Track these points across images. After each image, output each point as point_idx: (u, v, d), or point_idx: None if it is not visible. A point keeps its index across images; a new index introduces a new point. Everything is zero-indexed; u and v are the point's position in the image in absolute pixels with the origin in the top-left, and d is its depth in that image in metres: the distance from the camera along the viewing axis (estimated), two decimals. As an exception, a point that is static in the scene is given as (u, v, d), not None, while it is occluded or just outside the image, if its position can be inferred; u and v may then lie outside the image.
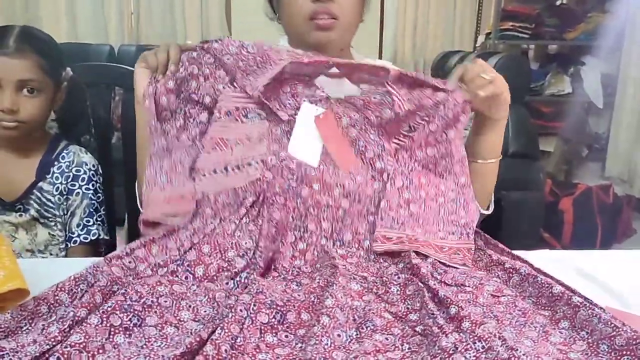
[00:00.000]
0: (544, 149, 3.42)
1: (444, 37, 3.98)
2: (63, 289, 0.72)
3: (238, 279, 0.78)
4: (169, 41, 1.02)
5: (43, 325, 0.65)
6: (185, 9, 3.72)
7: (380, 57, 3.87)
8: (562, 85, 3.51)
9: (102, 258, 0.80)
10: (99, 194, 1.21)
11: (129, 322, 0.67)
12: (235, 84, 0.97)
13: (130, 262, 0.80)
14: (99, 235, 1.19)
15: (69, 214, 1.19)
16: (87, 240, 1.18)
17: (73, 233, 1.18)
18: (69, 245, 1.19)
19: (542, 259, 0.86)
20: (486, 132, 1.00)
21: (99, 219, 1.20)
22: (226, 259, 0.83)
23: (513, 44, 3.54)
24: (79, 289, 0.73)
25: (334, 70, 0.98)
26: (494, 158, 1.04)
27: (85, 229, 1.18)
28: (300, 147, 0.95)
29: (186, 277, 0.78)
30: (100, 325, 0.64)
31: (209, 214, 0.90)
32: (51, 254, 1.19)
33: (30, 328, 0.67)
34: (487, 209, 1.06)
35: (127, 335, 0.65)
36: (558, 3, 3.79)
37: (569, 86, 3.51)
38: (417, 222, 0.93)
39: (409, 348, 0.66)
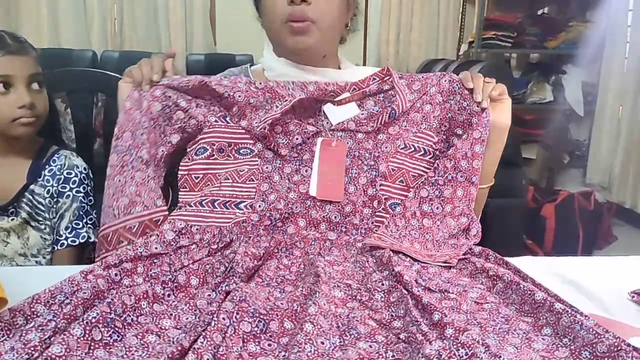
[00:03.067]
0: (526, 156, 3.46)
1: (427, 45, 4.01)
2: (39, 300, 0.71)
3: (219, 289, 0.78)
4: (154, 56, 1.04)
5: (21, 333, 0.64)
6: (169, 15, 3.70)
7: (364, 64, 3.89)
8: (544, 93, 3.55)
9: (78, 271, 0.78)
10: (90, 197, 1.21)
11: (109, 338, 0.66)
12: (228, 119, 0.99)
13: (116, 275, 0.79)
14: (89, 238, 1.19)
15: (58, 216, 1.18)
16: (74, 243, 1.17)
17: (61, 236, 1.18)
18: (56, 248, 1.18)
19: (524, 265, 0.86)
20: (488, 147, 1.00)
21: (89, 222, 1.20)
22: (205, 280, 0.82)
23: (495, 52, 3.58)
24: (56, 300, 0.72)
25: (344, 96, 1.00)
26: (487, 183, 1.05)
27: (74, 231, 1.18)
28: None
29: (169, 295, 0.77)
30: (82, 339, 0.63)
31: (193, 249, 0.90)
32: (44, 258, 1.19)
33: (7, 338, 0.65)
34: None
35: (107, 350, 0.64)
36: (539, 12, 3.84)
37: (550, 94, 3.55)
38: (423, 236, 0.95)
39: (393, 355, 0.66)
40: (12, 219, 1.16)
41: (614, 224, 3.01)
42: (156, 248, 0.87)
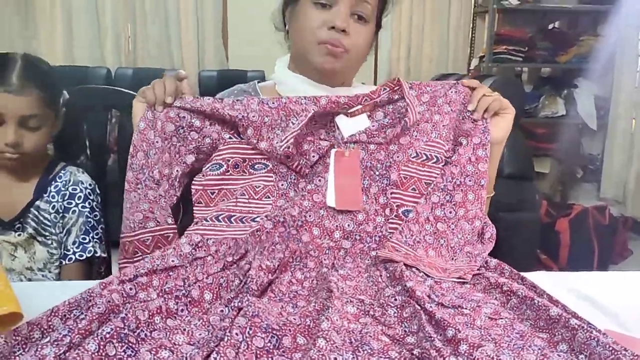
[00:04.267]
0: (539, 170, 3.44)
1: (438, 60, 4.02)
2: (57, 314, 0.72)
3: (232, 304, 0.78)
4: (166, 76, 1.04)
5: (37, 348, 0.64)
6: (182, 33, 3.76)
7: (375, 80, 3.90)
8: (556, 107, 3.54)
9: (96, 283, 0.78)
10: (96, 212, 1.23)
11: (122, 354, 0.66)
12: (242, 135, 1.00)
13: (131, 289, 0.80)
14: (95, 252, 1.20)
15: (65, 231, 1.20)
16: (82, 258, 1.19)
17: (68, 250, 1.19)
18: (64, 263, 1.19)
19: (539, 280, 0.85)
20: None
21: (95, 237, 1.21)
22: (219, 294, 0.83)
23: (507, 66, 3.58)
24: (72, 315, 0.72)
25: (356, 108, 1.02)
26: (488, 193, 1.05)
27: (81, 246, 1.19)
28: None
29: (182, 310, 0.77)
30: (96, 354, 0.63)
31: (209, 261, 0.90)
32: (50, 272, 1.21)
33: (23, 353, 0.66)
34: None
35: None
36: (550, 27, 3.84)
37: (562, 108, 3.54)
38: (437, 241, 0.95)
39: (407, 372, 0.66)
40: (19, 234, 1.19)
41: (629, 238, 2.97)
42: (173, 261, 0.87)
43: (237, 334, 0.68)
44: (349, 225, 0.96)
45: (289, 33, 1.12)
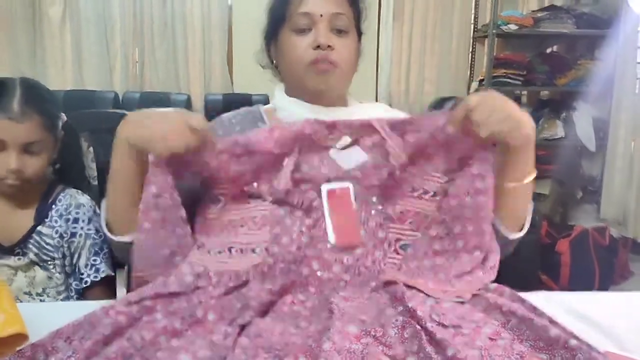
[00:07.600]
0: (539, 192, 3.44)
1: (438, 84, 4.06)
2: (61, 336, 0.72)
3: (235, 322, 0.79)
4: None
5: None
6: (189, 58, 3.82)
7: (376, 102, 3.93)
8: (555, 129, 3.56)
9: (99, 307, 0.79)
10: (101, 233, 1.20)
11: None
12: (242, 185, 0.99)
13: (138, 312, 0.80)
14: (108, 273, 1.20)
15: (75, 256, 1.20)
16: (97, 279, 1.19)
17: (82, 274, 1.19)
18: (80, 287, 1.19)
19: (539, 301, 0.86)
20: (514, 153, 0.97)
21: (104, 257, 1.21)
22: (223, 315, 0.83)
23: (506, 90, 3.62)
24: (76, 336, 0.73)
25: (343, 141, 0.99)
26: (526, 178, 0.98)
27: (94, 268, 1.20)
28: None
29: (186, 330, 0.78)
30: None
31: (211, 290, 0.90)
32: (48, 297, 1.20)
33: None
34: (520, 230, 1.05)
35: None
36: (548, 51, 3.89)
37: (561, 130, 3.56)
38: (435, 274, 0.94)
39: (408, 391, 0.66)
40: (20, 259, 1.18)
41: (630, 259, 2.97)
42: (174, 288, 0.88)
43: (240, 353, 0.69)
44: (347, 259, 0.94)
45: (278, 67, 1.16)
